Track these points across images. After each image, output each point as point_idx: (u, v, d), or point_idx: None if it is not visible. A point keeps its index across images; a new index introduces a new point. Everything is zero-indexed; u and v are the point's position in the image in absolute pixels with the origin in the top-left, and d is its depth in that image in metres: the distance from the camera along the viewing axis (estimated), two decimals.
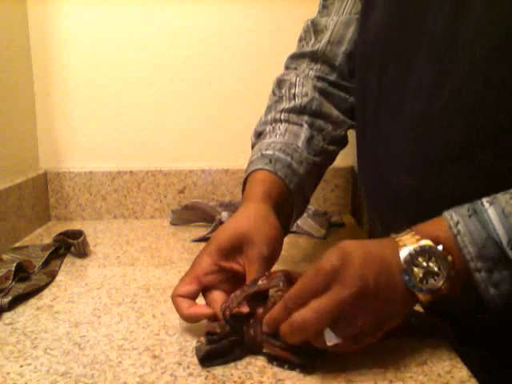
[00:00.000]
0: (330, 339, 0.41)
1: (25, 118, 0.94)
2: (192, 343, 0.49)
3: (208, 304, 0.50)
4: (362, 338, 0.42)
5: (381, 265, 0.41)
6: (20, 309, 0.57)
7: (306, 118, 0.64)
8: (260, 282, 0.47)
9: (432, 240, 0.41)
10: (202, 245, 0.81)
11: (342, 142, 0.69)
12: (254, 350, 0.46)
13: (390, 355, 0.46)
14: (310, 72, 0.67)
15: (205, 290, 0.51)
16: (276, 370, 0.44)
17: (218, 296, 0.50)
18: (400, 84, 0.53)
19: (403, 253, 0.41)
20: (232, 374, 0.43)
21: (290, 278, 0.46)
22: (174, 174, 0.98)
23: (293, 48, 0.72)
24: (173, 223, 0.94)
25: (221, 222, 0.88)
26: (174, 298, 0.50)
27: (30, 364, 0.45)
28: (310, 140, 0.63)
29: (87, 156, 0.99)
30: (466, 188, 0.46)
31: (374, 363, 0.44)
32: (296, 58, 0.70)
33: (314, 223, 0.88)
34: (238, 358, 0.45)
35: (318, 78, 0.66)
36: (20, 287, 0.61)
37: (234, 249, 0.51)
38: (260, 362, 0.45)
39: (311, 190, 0.66)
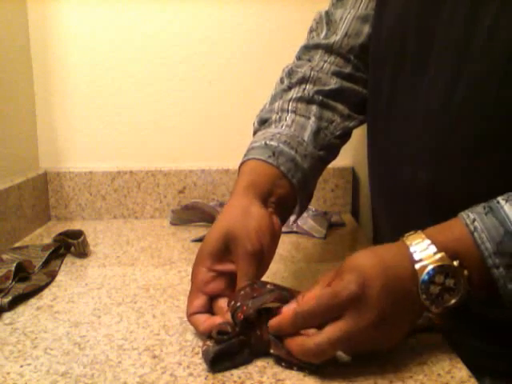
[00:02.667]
0: (342, 359, 0.43)
1: (25, 118, 0.94)
2: (192, 343, 0.49)
3: (216, 313, 0.50)
4: (371, 349, 0.43)
5: (400, 291, 0.41)
6: (20, 309, 0.57)
7: (314, 108, 0.62)
8: (269, 286, 0.47)
9: (448, 251, 0.41)
10: None
11: (347, 135, 0.67)
12: (262, 350, 0.45)
13: (390, 355, 0.46)
14: (325, 65, 0.65)
15: (212, 299, 0.50)
16: (276, 369, 0.44)
17: (223, 303, 0.49)
18: (414, 81, 0.53)
19: (421, 273, 0.41)
20: (232, 374, 0.43)
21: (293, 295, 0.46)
22: (174, 174, 0.98)
23: (293, 48, 0.72)
24: (173, 223, 0.94)
25: None
26: (189, 318, 0.50)
27: (29, 364, 0.45)
28: (316, 133, 0.61)
29: (87, 156, 0.99)
30: (480, 183, 0.46)
31: (374, 363, 0.44)
32: (309, 48, 0.68)
33: (314, 223, 0.88)
34: (247, 360, 0.45)
35: (333, 70, 0.65)
36: (20, 287, 0.61)
37: (224, 249, 0.50)
38: (260, 362, 0.45)
39: (314, 185, 0.65)
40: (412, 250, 0.42)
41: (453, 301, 0.41)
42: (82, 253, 0.75)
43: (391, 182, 0.57)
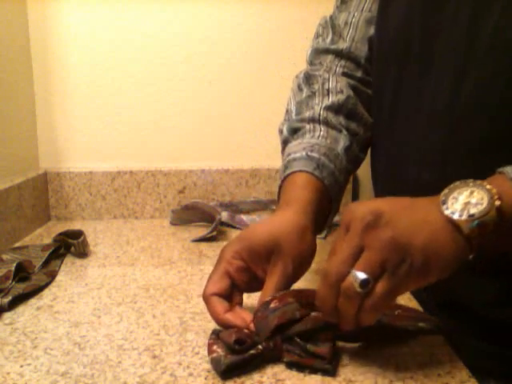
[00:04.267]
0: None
1: (25, 118, 0.94)
2: (192, 343, 0.49)
3: (233, 311, 0.48)
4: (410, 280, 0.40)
5: (412, 202, 0.40)
6: (20, 309, 0.57)
7: (341, 119, 0.63)
8: (272, 305, 0.45)
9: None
10: (202, 245, 0.81)
11: (368, 147, 0.67)
12: (275, 359, 0.45)
13: (390, 355, 0.46)
14: (338, 69, 0.66)
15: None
16: (276, 369, 0.44)
17: (246, 314, 0.48)
18: (419, 81, 0.53)
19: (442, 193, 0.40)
20: None
21: (303, 300, 0.45)
22: (174, 174, 0.98)
23: (293, 48, 0.72)
24: (173, 223, 0.94)
25: (221, 223, 0.88)
26: (207, 297, 0.48)
27: (29, 364, 0.45)
28: (348, 148, 0.61)
29: (87, 156, 0.99)
30: None
31: (374, 363, 0.44)
32: (319, 53, 0.68)
33: None
34: (256, 368, 0.44)
35: (345, 74, 0.65)
36: (20, 287, 0.61)
37: (265, 254, 0.48)
38: None
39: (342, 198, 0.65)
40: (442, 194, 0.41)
41: (482, 208, 0.38)
42: (82, 253, 0.75)
43: (395, 182, 0.57)
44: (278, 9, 0.96)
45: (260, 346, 0.43)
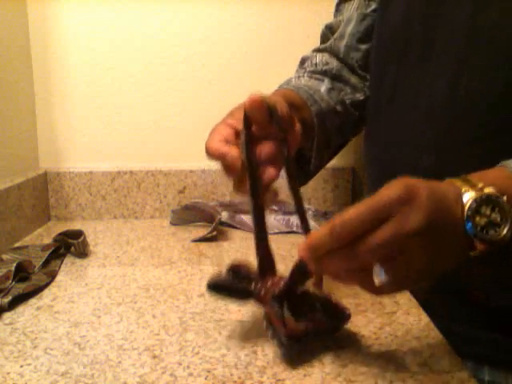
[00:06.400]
0: (380, 278, 0.38)
1: (25, 118, 0.94)
2: (192, 343, 0.49)
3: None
4: (409, 281, 0.40)
5: (445, 206, 0.39)
6: (20, 309, 0.57)
7: (326, 80, 0.68)
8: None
9: (496, 187, 0.40)
10: (202, 245, 0.81)
11: (360, 108, 0.70)
12: (256, 301, 0.47)
13: (390, 355, 0.46)
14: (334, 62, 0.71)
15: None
16: (276, 369, 0.44)
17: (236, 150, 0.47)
18: (420, 68, 0.55)
19: (467, 199, 0.39)
20: (232, 374, 0.43)
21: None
22: (174, 174, 0.98)
23: (293, 48, 0.73)
24: (173, 223, 0.94)
25: (221, 223, 0.88)
26: (214, 145, 0.48)
27: (29, 364, 0.45)
28: (330, 90, 0.66)
29: (87, 156, 0.99)
30: (484, 168, 0.46)
31: (374, 363, 0.44)
32: (317, 50, 0.74)
33: (314, 223, 0.88)
34: (240, 298, 0.47)
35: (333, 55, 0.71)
36: (20, 287, 0.61)
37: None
38: (260, 362, 0.45)
39: (333, 134, 0.65)
40: (459, 184, 0.41)
41: (500, 235, 0.39)
42: (82, 253, 0.75)
43: (393, 168, 0.58)
44: (278, 9, 0.96)
45: (252, 285, 0.46)
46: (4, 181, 0.82)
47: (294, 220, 0.89)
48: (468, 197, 0.39)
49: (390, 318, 0.54)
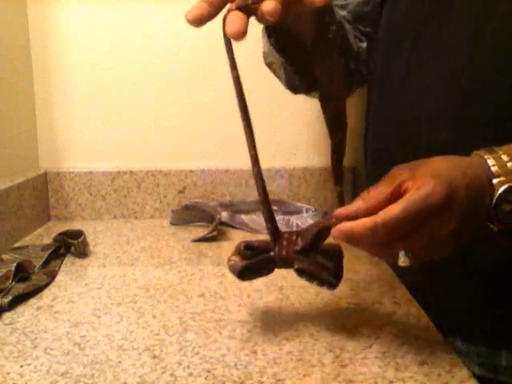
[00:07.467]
0: (404, 260, 0.40)
1: (25, 118, 0.94)
2: (192, 343, 0.49)
3: None
4: (427, 258, 0.41)
5: (478, 205, 0.40)
6: (20, 309, 0.57)
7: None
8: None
9: None
10: (202, 245, 0.81)
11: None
12: (285, 266, 0.47)
13: (390, 355, 0.46)
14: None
15: None
16: (276, 369, 0.44)
17: None
18: (435, 44, 0.54)
19: (498, 189, 0.39)
20: (232, 374, 0.43)
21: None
22: (174, 174, 0.98)
23: None
24: (173, 223, 0.94)
25: (221, 223, 0.88)
26: None
27: (29, 364, 0.45)
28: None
29: (87, 156, 0.99)
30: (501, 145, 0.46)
31: (374, 363, 0.44)
32: None
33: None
34: (270, 272, 0.48)
35: None
36: (20, 287, 0.61)
37: None
38: (260, 362, 0.45)
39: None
40: (490, 163, 0.40)
41: None
42: (82, 253, 0.75)
43: (403, 146, 0.57)
44: None
45: (272, 253, 0.47)
46: (4, 181, 0.82)
47: (294, 220, 0.89)
48: (499, 184, 0.40)
49: (390, 318, 0.54)
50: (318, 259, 0.46)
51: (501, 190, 0.39)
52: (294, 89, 0.74)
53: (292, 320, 0.54)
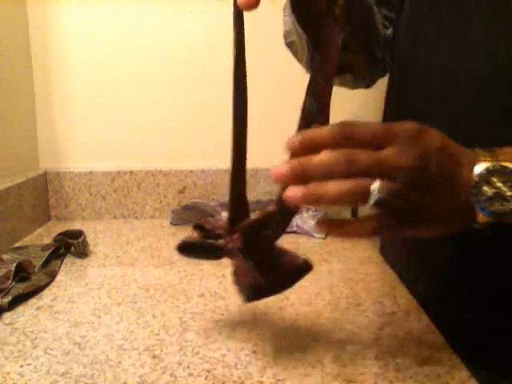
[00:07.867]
0: (374, 200, 0.36)
1: (25, 118, 0.94)
2: (192, 343, 0.49)
3: None
4: (401, 222, 0.38)
5: (454, 167, 0.38)
6: (20, 309, 0.57)
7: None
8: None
9: None
10: None
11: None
12: (225, 254, 0.46)
13: (390, 355, 0.46)
14: None
15: None
16: (276, 369, 0.44)
17: None
18: (459, 41, 0.54)
19: (480, 167, 0.37)
20: (232, 374, 0.43)
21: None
22: (174, 174, 0.98)
23: None
24: (173, 223, 0.94)
25: None
26: None
27: (29, 364, 0.45)
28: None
29: (87, 156, 0.99)
30: None
31: (374, 363, 0.44)
32: None
33: (314, 223, 0.88)
34: (217, 258, 0.48)
35: None
36: (20, 287, 0.61)
37: None
38: (260, 362, 0.45)
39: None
40: (481, 153, 0.39)
41: (506, 209, 0.37)
42: (82, 253, 0.75)
43: None
44: (278, 9, 0.96)
45: (221, 241, 0.46)
46: (4, 181, 0.82)
47: (294, 220, 0.89)
48: (481, 165, 0.38)
49: (390, 318, 0.54)
50: (250, 264, 0.42)
51: (483, 166, 0.37)
52: None
53: (292, 320, 0.54)
